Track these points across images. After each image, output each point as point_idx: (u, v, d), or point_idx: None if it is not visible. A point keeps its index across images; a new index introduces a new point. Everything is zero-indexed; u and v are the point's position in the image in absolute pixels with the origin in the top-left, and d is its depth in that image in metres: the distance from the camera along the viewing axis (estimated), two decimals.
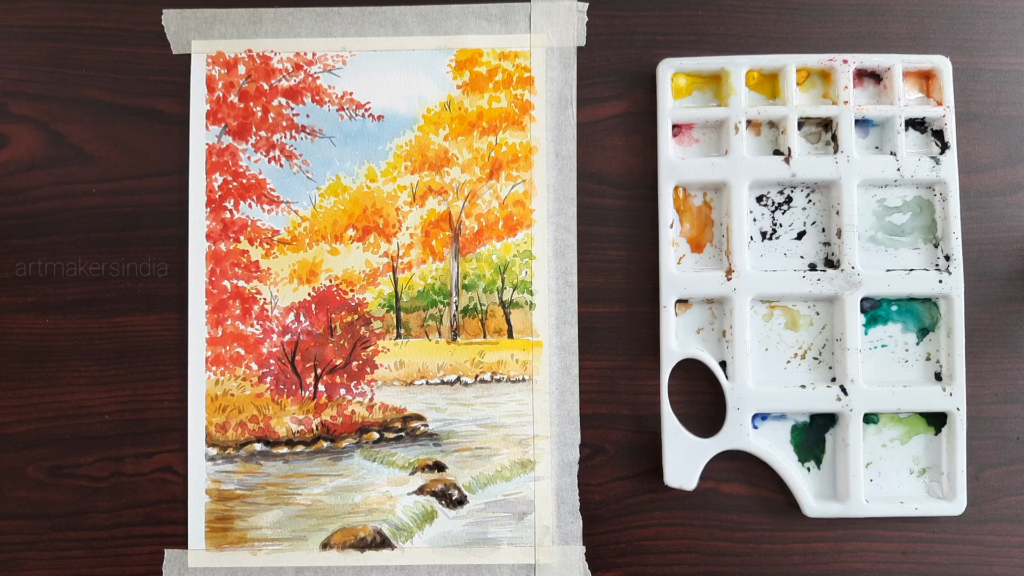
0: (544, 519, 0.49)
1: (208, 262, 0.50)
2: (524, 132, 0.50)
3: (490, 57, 0.50)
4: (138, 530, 0.49)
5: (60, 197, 0.50)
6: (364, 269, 0.50)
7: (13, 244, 0.50)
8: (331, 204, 0.50)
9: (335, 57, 0.50)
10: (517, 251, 0.50)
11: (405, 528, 0.49)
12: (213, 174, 0.50)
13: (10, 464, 0.50)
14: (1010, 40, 0.51)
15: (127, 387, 0.50)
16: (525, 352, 0.49)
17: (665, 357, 0.48)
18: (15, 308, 0.50)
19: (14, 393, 0.50)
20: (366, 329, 0.50)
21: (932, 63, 0.49)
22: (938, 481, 0.48)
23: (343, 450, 0.49)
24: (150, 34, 0.51)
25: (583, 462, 0.49)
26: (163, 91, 0.51)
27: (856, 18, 0.51)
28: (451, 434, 0.49)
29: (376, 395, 0.50)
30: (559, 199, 0.50)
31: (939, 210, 0.49)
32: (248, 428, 0.49)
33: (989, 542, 0.49)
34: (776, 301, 0.50)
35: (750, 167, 0.49)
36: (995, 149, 0.50)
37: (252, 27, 0.51)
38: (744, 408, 0.48)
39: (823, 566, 0.49)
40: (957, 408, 0.48)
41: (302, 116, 0.50)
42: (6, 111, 0.51)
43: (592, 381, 0.49)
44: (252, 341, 0.50)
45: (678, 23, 0.51)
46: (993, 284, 0.50)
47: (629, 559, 0.49)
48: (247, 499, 0.49)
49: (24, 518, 0.49)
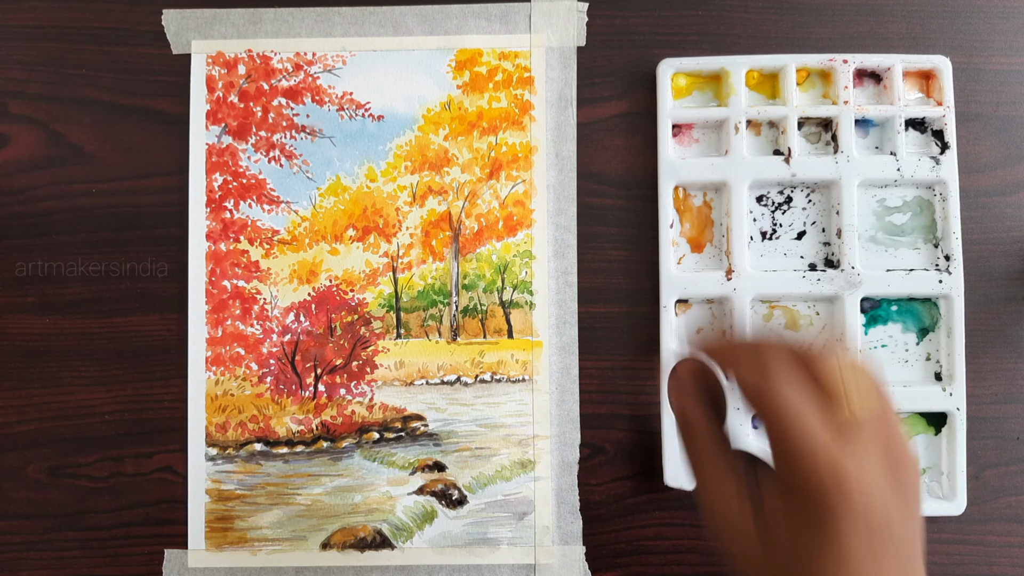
0: (544, 519, 0.49)
1: (208, 262, 0.50)
2: (524, 132, 0.50)
3: (490, 57, 0.50)
4: (138, 530, 0.49)
5: (60, 197, 0.50)
6: (364, 269, 0.50)
7: (13, 244, 0.50)
8: (331, 204, 0.50)
9: (335, 57, 0.50)
10: (517, 251, 0.50)
11: (405, 528, 0.49)
12: (213, 174, 0.50)
13: (10, 464, 0.50)
14: (1010, 40, 0.51)
15: (127, 387, 0.50)
16: (525, 352, 0.49)
17: (665, 357, 0.48)
18: (15, 308, 0.50)
19: (14, 393, 0.50)
20: (366, 329, 0.50)
21: (932, 63, 0.49)
22: (938, 481, 0.48)
23: (343, 450, 0.49)
24: (150, 34, 0.51)
25: (583, 462, 0.49)
26: (163, 91, 0.51)
27: (856, 18, 0.51)
28: (451, 434, 0.49)
29: (376, 395, 0.50)
30: (559, 199, 0.50)
31: (939, 210, 0.49)
32: (248, 428, 0.49)
33: (989, 542, 0.49)
34: (776, 301, 0.50)
35: (750, 167, 0.49)
36: (995, 149, 0.50)
37: (252, 27, 0.51)
38: (744, 408, 0.48)
39: None
40: (957, 408, 0.48)
41: (302, 116, 0.50)
42: (6, 111, 0.51)
43: (592, 381, 0.49)
44: (252, 341, 0.50)
45: (678, 23, 0.51)
46: (993, 284, 0.50)
47: (629, 559, 0.49)
48: (247, 499, 0.49)
49: (24, 518, 0.49)
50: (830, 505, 0.30)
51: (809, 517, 0.30)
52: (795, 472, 0.31)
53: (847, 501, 0.30)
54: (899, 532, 0.30)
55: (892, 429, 0.32)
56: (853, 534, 0.30)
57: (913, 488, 0.32)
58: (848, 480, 0.30)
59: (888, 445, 0.31)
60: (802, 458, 0.30)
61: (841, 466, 0.30)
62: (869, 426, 0.31)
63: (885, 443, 0.31)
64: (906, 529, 0.31)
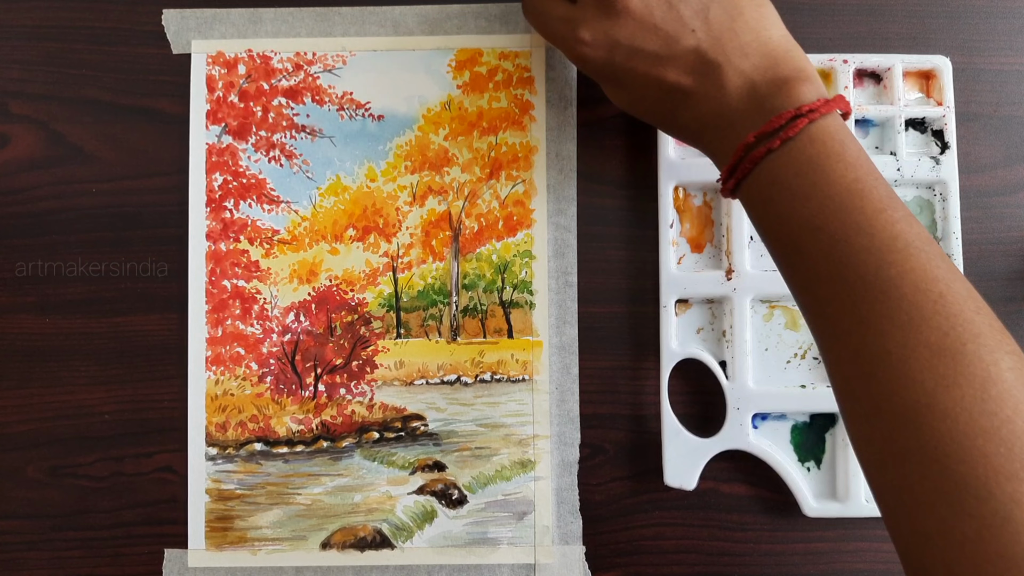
0: (544, 519, 0.49)
1: (208, 262, 0.50)
2: (524, 132, 0.50)
3: (490, 57, 0.50)
4: (138, 530, 0.49)
5: (60, 197, 0.50)
6: (364, 269, 0.50)
7: (13, 244, 0.50)
8: (331, 204, 0.50)
9: (335, 57, 0.50)
10: (517, 251, 0.50)
11: (405, 528, 0.49)
12: (213, 174, 0.50)
13: (10, 464, 0.50)
14: (1010, 40, 0.51)
15: (127, 387, 0.50)
16: (525, 352, 0.49)
17: (665, 357, 0.48)
18: (15, 308, 0.50)
19: (14, 393, 0.50)
20: (366, 329, 0.50)
21: (932, 63, 0.49)
22: None
23: (343, 450, 0.49)
24: (150, 34, 0.51)
25: (583, 462, 0.49)
26: (163, 91, 0.51)
27: (856, 18, 0.51)
28: (451, 434, 0.49)
29: (376, 395, 0.50)
30: (559, 199, 0.50)
31: (939, 210, 0.49)
32: (248, 428, 0.49)
33: None
34: (776, 301, 0.50)
35: None
36: (995, 149, 0.50)
37: (252, 27, 0.51)
38: (744, 408, 0.48)
39: (823, 566, 0.49)
40: None
41: (302, 116, 0.50)
42: (6, 111, 0.51)
43: (592, 381, 0.49)
44: (252, 341, 0.50)
45: None
46: (993, 284, 0.50)
47: (629, 559, 0.49)
48: (247, 499, 0.49)
49: (24, 518, 0.49)
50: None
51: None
52: None
53: None
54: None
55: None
56: None
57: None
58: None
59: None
60: None
61: None
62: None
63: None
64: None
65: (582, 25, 0.39)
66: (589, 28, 0.39)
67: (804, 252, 0.35)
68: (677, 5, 0.38)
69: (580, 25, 0.40)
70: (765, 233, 0.37)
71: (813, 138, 0.35)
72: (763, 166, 0.36)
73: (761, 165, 0.36)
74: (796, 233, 0.35)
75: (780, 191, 0.35)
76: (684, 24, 0.37)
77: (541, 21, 0.43)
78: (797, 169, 0.35)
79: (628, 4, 0.38)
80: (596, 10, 0.39)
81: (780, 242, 0.36)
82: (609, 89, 0.42)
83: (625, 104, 0.42)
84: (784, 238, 0.36)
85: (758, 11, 0.38)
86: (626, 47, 0.38)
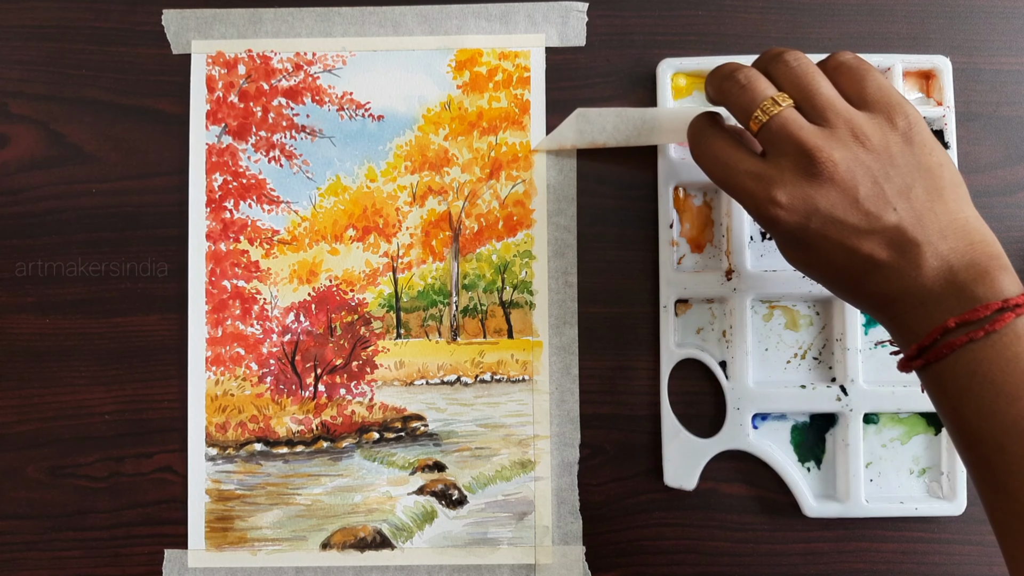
0: (544, 519, 0.49)
1: (208, 262, 0.50)
2: (524, 132, 0.50)
3: (490, 57, 0.50)
4: (138, 530, 0.49)
5: (60, 197, 0.50)
6: (364, 269, 0.50)
7: (13, 244, 0.50)
8: (331, 204, 0.50)
9: (335, 57, 0.50)
10: (517, 251, 0.50)
11: (405, 528, 0.49)
12: (213, 174, 0.50)
13: (10, 464, 0.50)
14: (1010, 40, 0.51)
15: (127, 387, 0.50)
16: (525, 352, 0.49)
17: (665, 357, 0.48)
18: (15, 308, 0.50)
19: (14, 393, 0.50)
20: (366, 329, 0.50)
21: (932, 63, 0.49)
22: (938, 481, 0.48)
23: (343, 450, 0.49)
24: (150, 34, 0.51)
25: (583, 462, 0.49)
26: (163, 91, 0.51)
27: (856, 18, 0.51)
28: (451, 434, 0.49)
29: (376, 395, 0.50)
30: (559, 199, 0.50)
31: None
32: (248, 428, 0.49)
33: (989, 542, 0.49)
34: (776, 301, 0.50)
35: None
36: (995, 149, 0.50)
37: (252, 27, 0.51)
38: (744, 408, 0.48)
39: (823, 566, 0.49)
40: None
41: (302, 116, 0.50)
42: (6, 111, 0.51)
43: (592, 381, 0.49)
44: (252, 341, 0.50)
45: (678, 23, 0.51)
46: None
47: (629, 559, 0.49)
48: (247, 499, 0.49)
49: (24, 518, 0.49)
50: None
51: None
52: None
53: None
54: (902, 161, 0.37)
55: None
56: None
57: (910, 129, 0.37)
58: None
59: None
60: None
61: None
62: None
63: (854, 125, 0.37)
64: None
65: (778, 186, 0.37)
66: (786, 191, 0.36)
67: (1009, 452, 0.33)
68: (882, 183, 0.36)
69: (775, 186, 0.37)
70: (954, 422, 0.35)
71: (1020, 335, 0.33)
72: (962, 355, 0.34)
73: (959, 353, 0.34)
74: (1000, 432, 0.34)
75: (982, 384, 0.34)
76: (887, 202, 0.36)
77: (724, 173, 0.39)
78: (1003, 365, 0.33)
79: (835, 173, 0.36)
80: (795, 173, 0.36)
81: (978, 437, 0.35)
82: (789, 250, 0.39)
83: (802, 264, 0.39)
84: (984, 435, 0.34)
85: (956, 192, 0.37)
86: (824, 215, 0.36)
